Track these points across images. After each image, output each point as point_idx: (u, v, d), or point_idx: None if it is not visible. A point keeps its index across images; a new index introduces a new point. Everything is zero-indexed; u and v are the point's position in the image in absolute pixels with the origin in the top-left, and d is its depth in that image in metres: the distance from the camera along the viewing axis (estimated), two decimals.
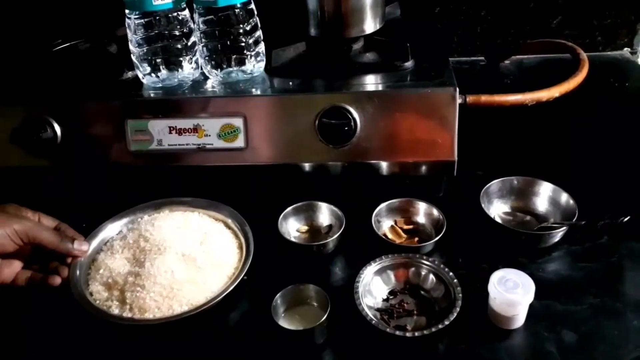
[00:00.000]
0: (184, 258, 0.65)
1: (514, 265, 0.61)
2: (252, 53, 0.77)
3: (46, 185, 0.81)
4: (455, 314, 0.58)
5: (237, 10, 0.73)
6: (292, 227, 0.75)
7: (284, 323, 0.59)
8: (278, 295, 0.61)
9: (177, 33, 0.75)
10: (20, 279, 0.64)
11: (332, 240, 0.69)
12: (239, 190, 0.67)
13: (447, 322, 0.57)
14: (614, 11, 1.02)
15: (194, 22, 0.76)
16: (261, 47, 0.78)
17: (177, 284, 0.62)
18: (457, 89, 0.70)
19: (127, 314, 0.61)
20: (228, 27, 0.74)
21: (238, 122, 0.74)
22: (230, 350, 0.61)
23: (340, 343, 0.59)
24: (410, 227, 0.74)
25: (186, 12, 0.76)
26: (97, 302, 0.63)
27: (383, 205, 0.74)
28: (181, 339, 0.61)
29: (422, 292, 0.64)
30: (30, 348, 0.63)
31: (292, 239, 0.71)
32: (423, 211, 0.74)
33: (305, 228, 0.75)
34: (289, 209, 0.74)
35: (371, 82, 0.75)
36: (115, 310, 0.61)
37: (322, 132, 0.72)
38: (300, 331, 0.58)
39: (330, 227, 0.75)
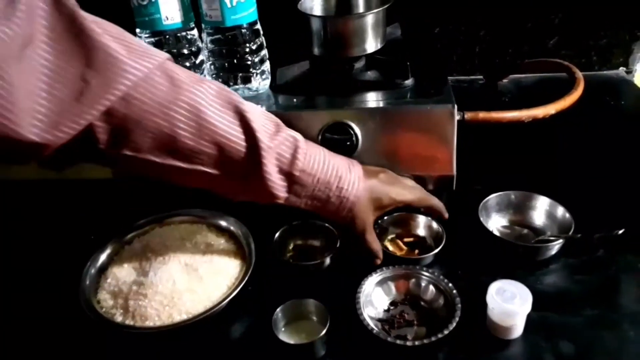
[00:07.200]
0: (186, 268, 0.67)
1: (511, 277, 0.62)
2: (258, 71, 0.79)
3: (59, 198, 0.82)
4: (454, 324, 0.59)
5: (243, 30, 0.76)
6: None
7: (284, 337, 0.60)
8: (278, 309, 0.61)
9: (185, 51, 0.77)
10: None
11: (329, 257, 0.71)
12: (246, 203, 0.68)
13: (446, 332, 0.58)
14: (610, 32, 1.04)
15: (202, 41, 0.79)
16: (267, 66, 0.81)
17: (178, 293, 0.63)
18: (456, 106, 0.72)
19: (129, 321, 0.62)
20: (235, 46, 0.76)
21: None
22: None
23: (342, 352, 0.60)
24: (411, 239, 0.75)
25: (195, 32, 0.78)
26: (103, 309, 0.64)
27: (384, 218, 0.75)
28: (181, 348, 0.62)
29: (422, 303, 0.65)
30: (36, 352, 0.64)
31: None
32: (423, 224, 0.76)
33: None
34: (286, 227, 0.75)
35: (372, 99, 0.76)
36: (118, 318, 0.63)
37: (325, 146, 0.73)
38: (300, 345, 0.59)
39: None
